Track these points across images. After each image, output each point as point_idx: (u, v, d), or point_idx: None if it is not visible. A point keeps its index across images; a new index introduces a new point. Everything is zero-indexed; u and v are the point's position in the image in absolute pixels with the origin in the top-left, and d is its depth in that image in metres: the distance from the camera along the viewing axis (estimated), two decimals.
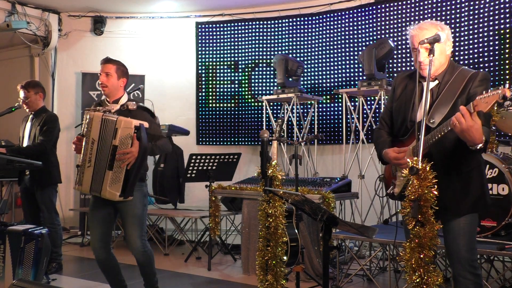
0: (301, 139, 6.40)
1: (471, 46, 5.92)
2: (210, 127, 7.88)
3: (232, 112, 7.77)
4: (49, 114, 4.92)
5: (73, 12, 7.87)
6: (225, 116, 7.80)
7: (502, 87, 2.19)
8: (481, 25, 5.86)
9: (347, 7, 6.99)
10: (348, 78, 6.94)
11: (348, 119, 6.20)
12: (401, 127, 2.76)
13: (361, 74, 6.74)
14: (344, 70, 6.98)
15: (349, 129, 6.25)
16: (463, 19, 6.01)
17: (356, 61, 6.75)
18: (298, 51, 7.38)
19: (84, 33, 7.96)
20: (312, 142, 6.73)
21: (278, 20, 7.54)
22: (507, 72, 5.62)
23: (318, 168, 6.66)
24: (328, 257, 2.54)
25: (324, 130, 7.04)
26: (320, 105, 7.07)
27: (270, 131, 5.10)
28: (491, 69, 5.73)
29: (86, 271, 5.16)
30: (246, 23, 7.72)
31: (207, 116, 7.90)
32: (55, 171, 4.92)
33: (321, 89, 7.16)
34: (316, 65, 7.21)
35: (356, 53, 6.81)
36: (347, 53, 6.96)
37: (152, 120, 3.57)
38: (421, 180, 2.35)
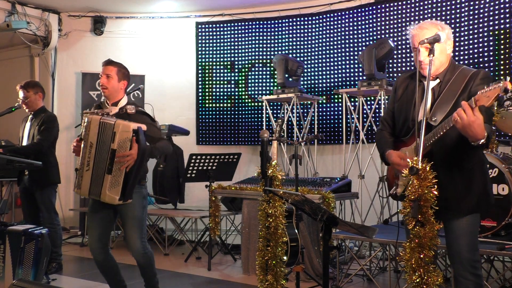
0: (301, 139, 6.40)
1: (471, 46, 5.92)
2: (210, 127, 7.87)
3: (232, 112, 7.77)
4: (48, 114, 4.92)
5: (73, 12, 7.88)
6: (225, 116, 7.80)
7: (503, 80, 2.18)
8: (481, 25, 5.86)
9: (347, 7, 6.99)
10: (348, 78, 6.93)
11: (348, 119, 6.20)
12: (403, 127, 2.76)
13: (361, 74, 6.73)
14: (344, 70, 6.98)
15: (349, 129, 6.25)
16: (463, 19, 6.01)
17: (356, 61, 6.75)
18: (298, 51, 7.38)
19: (84, 33, 7.96)
20: (312, 142, 6.73)
21: (278, 20, 7.54)
22: (507, 72, 5.63)
23: (318, 168, 6.66)
24: (328, 257, 2.54)
25: (324, 130, 7.04)
26: (320, 105, 7.07)
27: (270, 131, 5.09)
28: (491, 68, 5.73)
29: (86, 271, 5.15)
30: (246, 23, 7.72)
31: (207, 116, 7.90)
32: (54, 171, 4.92)
33: (321, 89, 7.16)
34: (316, 65, 7.21)
35: (356, 53, 6.81)
36: (347, 53, 6.96)
37: (151, 123, 3.54)
38: (421, 180, 2.35)
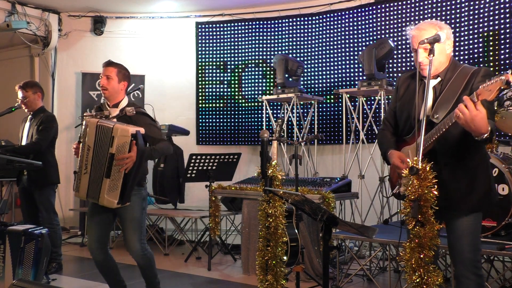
0: (301, 139, 6.40)
1: (471, 46, 5.92)
2: (210, 127, 7.87)
3: (232, 112, 7.77)
4: (46, 114, 4.92)
5: (73, 12, 7.87)
6: (225, 116, 7.80)
7: (505, 73, 2.18)
8: (481, 25, 5.86)
9: (347, 7, 6.99)
10: (348, 78, 6.93)
11: (348, 119, 6.20)
12: (404, 126, 2.76)
13: (361, 74, 6.73)
14: (344, 70, 6.98)
15: (349, 129, 6.24)
16: (463, 19, 6.01)
17: (356, 61, 6.75)
18: (298, 51, 7.38)
19: (84, 33, 7.96)
20: (312, 142, 6.73)
21: (278, 20, 7.53)
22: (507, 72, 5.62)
23: (318, 168, 6.66)
24: (328, 257, 2.53)
25: (324, 130, 7.04)
26: (320, 105, 7.07)
27: (270, 131, 5.09)
28: (491, 69, 5.73)
29: (86, 271, 5.15)
30: (246, 23, 7.72)
31: (207, 116, 7.90)
32: (53, 171, 4.91)
33: (321, 89, 7.15)
34: (316, 65, 7.21)
35: (356, 53, 6.81)
36: (347, 53, 6.96)
37: (152, 123, 3.54)
38: (421, 180, 2.35)
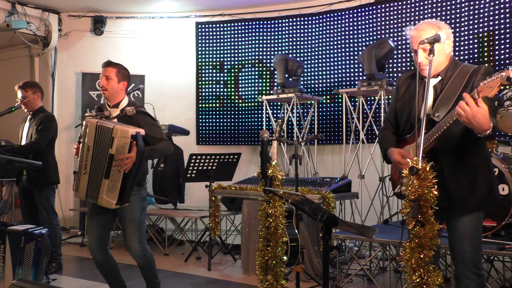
0: (301, 139, 6.40)
1: (471, 46, 5.92)
2: (210, 127, 7.87)
3: (232, 112, 7.77)
4: (46, 114, 4.92)
5: (73, 12, 7.87)
6: (225, 116, 7.80)
7: (505, 70, 2.18)
8: (481, 25, 5.86)
9: (347, 7, 6.99)
10: (348, 78, 6.93)
11: (348, 119, 6.20)
12: (405, 125, 2.77)
13: (361, 74, 6.73)
14: (344, 70, 6.98)
15: (349, 129, 6.24)
16: (463, 19, 6.01)
17: (356, 61, 6.75)
18: (298, 51, 7.38)
19: (84, 33, 7.96)
20: (312, 142, 6.73)
21: (278, 20, 7.53)
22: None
23: (318, 168, 6.66)
24: (328, 257, 2.53)
25: (324, 130, 7.04)
26: (320, 105, 7.07)
27: (270, 131, 5.10)
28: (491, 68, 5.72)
29: (86, 271, 5.15)
30: (246, 23, 7.72)
31: (207, 116, 7.90)
32: (52, 171, 4.91)
33: (321, 89, 7.15)
34: (316, 65, 7.21)
35: (356, 53, 6.81)
36: (347, 53, 6.96)
37: (152, 122, 3.54)
38: (421, 180, 2.35)
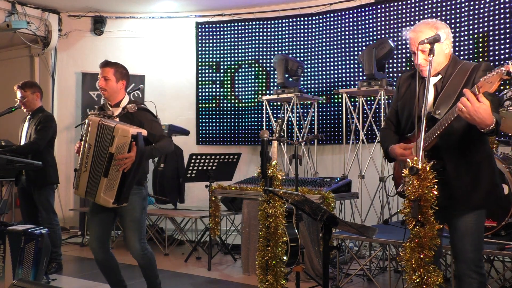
0: (301, 139, 6.40)
1: (470, 46, 5.92)
2: (210, 127, 7.87)
3: (232, 112, 7.77)
4: (45, 114, 4.92)
5: (73, 12, 7.87)
6: (225, 116, 7.80)
7: (505, 64, 2.19)
8: (481, 25, 5.86)
9: (347, 7, 6.99)
10: (348, 78, 6.93)
11: (348, 119, 6.20)
12: (406, 124, 2.78)
13: (361, 74, 6.73)
14: (344, 70, 6.98)
15: (349, 129, 6.24)
16: (463, 19, 6.01)
17: (356, 61, 6.75)
18: (298, 51, 7.38)
19: (84, 33, 7.96)
20: (312, 142, 6.73)
21: (278, 20, 7.53)
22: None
23: (318, 168, 6.66)
24: (328, 257, 2.53)
25: (324, 130, 7.04)
26: (320, 105, 7.07)
27: (270, 131, 5.09)
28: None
29: (86, 271, 5.15)
30: (246, 23, 7.72)
31: (207, 116, 7.90)
32: (52, 171, 4.90)
33: (321, 89, 7.15)
34: (316, 65, 7.21)
35: (356, 53, 6.81)
36: (347, 53, 6.96)
37: (154, 119, 3.55)
38: (421, 180, 2.35)
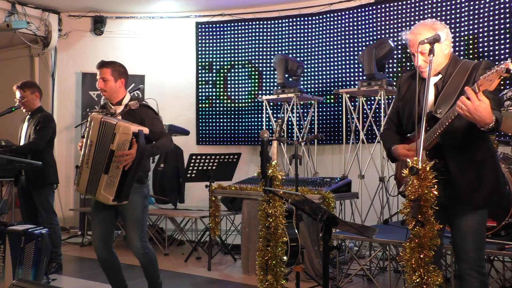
0: (301, 139, 6.40)
1: (471, 46, 5.92)
2: (210, 127, 7.87)
3: (232, 112, 7.77)
4: (44, 114, 4.92)
5: (73, 12, 7.87)
6: (225, 116, 7.80)
7: (504, 62, 2.19)
8: (481, 25, 5.86)
9: (347, 7, 6.99)
10: (348, 78, 6.93)
11: (348, 119, 6.19)
12: (407, 124, 2.78)
13: (361, 74, 6.73)
14: (344, 70, 6.98)
15: (349, 129, 6.24)
16: (463, 19, 6.01)
17: (356, 61, 6.75)
18: (298, 51, 7.38)
19: (84, 33, 7.96)
20: (312, 142, 6.73)
21: (278, 20, 7.53)
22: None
23: (318, 168, 6.65)
24: (328, 257, 2.54)
25: (324, 130, 7.04)
26: (320, 105, 7.07)
27: (270, 131, 5.09)
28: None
29: (86, 271, 5.16)
30: (246, 23, 7.72)
31: (207, 116, 7.89)
32: (51, 171, 4.90)
33: (321, 89, 7.15)
34: (316, 65, 7.21)
35: (356, 53, 6.81)
36: (347, 53, 6.96)
37: (155, 117, 3.57)
38: (421, 180, 2.35)
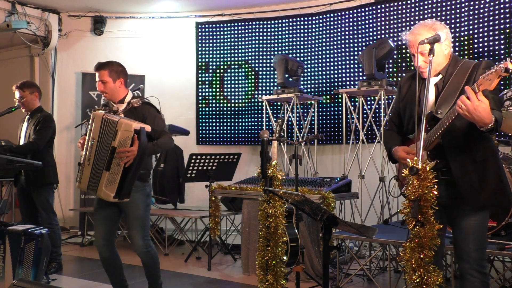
0: (301, 139, 6.40)
1: (471, 46, 5.92)
2: (210, 127, 7.88)
3: (232, 112, 7.77)
4: (43, 114, 4.92)
5: (73, 12, 7.87)
6: (225, 116, 7.80)
7: (504, 61, 2.19)
8: (481, 25, 5.86)
9: (347, 7, 6.99)
10: (348, 78, 6.94)
11: (348, 119, 6.20)
12: (408, 125, 2.79)
13: (361, 74, 6.73)
14: (344, 70, 6.98)
15: (349, 129, 6.24)
16: (463, 19, 6.01)
17: (356, 61, 6.75)
18: (298, 51, 7.38)
19: (84, 33, 7.96)
20: (312, 142, 6.73)
21: (278, 20, 7.53)
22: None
23: (318, 168, 6.65)
24: (328, 257, 2.54)
25: (324, 130, 7.04)
26: (320, 105, 7.07)
27: (270, 131, 5.10)
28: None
29: (86, 271, 5.16)
30: (246, 23, 7.72)
31: (207, 116, 7.90)
32: (51, 171, 4.90)
33: (321, 89, 7.15)
34: (316, 65, 7.21)
35: (356, 53, 6.81)
36: (347, 53, 6.96)
37: (157, 114, 3.58)
38: (421, 180, 2.35)
